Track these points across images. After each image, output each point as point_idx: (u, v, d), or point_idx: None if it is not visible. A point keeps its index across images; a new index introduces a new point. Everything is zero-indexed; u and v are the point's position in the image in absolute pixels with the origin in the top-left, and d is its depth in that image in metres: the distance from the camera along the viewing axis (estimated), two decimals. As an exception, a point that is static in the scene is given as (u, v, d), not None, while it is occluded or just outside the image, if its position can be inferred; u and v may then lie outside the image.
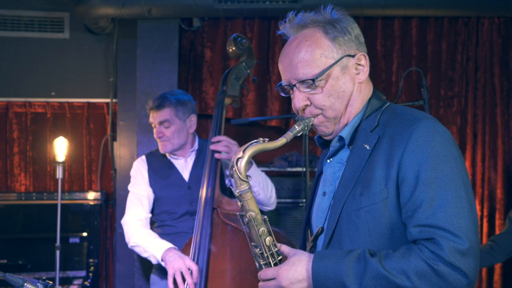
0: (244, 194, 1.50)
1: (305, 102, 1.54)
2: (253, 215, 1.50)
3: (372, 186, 1.45)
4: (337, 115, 1.56)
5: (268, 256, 1.52)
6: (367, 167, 1.48)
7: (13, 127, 4.32)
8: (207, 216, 2.71)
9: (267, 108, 4.15)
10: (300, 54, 1.52)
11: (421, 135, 1.42)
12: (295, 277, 1.46)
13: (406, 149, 1.42)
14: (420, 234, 1.38)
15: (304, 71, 1.52)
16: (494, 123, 4.12)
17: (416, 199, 1.39)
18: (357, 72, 1.56)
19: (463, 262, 1.35)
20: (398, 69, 4.13)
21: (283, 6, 3.80)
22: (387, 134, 1.48)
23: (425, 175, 1.39)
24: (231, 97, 3.00)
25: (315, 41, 1.52)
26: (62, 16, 4.34)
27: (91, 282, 3.88)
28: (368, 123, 1.54)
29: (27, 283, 1.42)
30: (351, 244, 1.47)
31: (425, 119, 1.45)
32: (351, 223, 1.47)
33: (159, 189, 2.97)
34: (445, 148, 1.42)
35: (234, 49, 3.01)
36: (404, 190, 1.41)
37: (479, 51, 4.13)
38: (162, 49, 4.12)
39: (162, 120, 2.93)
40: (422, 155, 1.40)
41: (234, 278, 2.62)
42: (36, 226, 3.97)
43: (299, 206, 3.72)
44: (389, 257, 1.39)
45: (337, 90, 1.53)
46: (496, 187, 4.09)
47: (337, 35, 1.53)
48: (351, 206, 1.48)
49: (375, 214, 1.44)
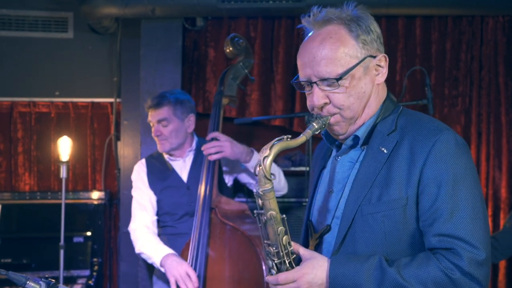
0: (268, 193, 1.50)
1: (324, 100, 1.53)
2: (273, 214, 1.51)
3: (392, 191, 1.46)
4: (354, 115, 1.55)
5: (284, 255, 1.53)
6: (384, 171, 1.48)
7: (17, 126, 4.33)
8: (205, 219, 2.71)
9: (270, 108, 4.15)
10: (324, 51, 1.49)
11: (444, 146, 1.44)
12: (315, 281, 1.47)
13: (429, 159, 1.44)
14: (439, 243, 1.41)
15: (327, 69, 1.49)
16: (499, 122, 4.10)
17: (437, 209, 1.42)
18: (376, 73, 1.55)
19: (480, 272, 1.39)
20: (402, 68, 4.12)
21: (287, 5, 3.80)
22: (407, 140, 1.49)
23: (446, 186, 1.42)
24: (228, 97, 3.00)
25: (340, 39, 1.50)
26: (66, 16, 4.35)
27: (95, 282, 3.89)
28: (385, 126, 1.54)
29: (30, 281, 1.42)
30: (366, 246, 1.48)
31: (446, 130, 1.47)
32: (367, 226, 1.48)
33: (158, 191, 2.98)
34: (466, 160, 1.46)
35: (231, 49, 3.01)
36: (424, 199, 1.44)
37: (484, 50, 4.11)
38: (165, 48, 4.12)
39: (160, 118, 2.93)
40: (445, 167, 1.43)
41: (233, 277, 2.62)
42: (40, 226, 3.97)
43: (303, 205, 3.71)
44: (407, 266, 1.41)
45: (358, 90, 1.52)
46: (500, 186, 4.07)
47: (361, 34, 1.51)
48: (368, 209, 1.49)
49: (393, 220, 1.46)
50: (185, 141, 3.00)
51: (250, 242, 2.56)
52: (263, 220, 1.52)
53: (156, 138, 2.98)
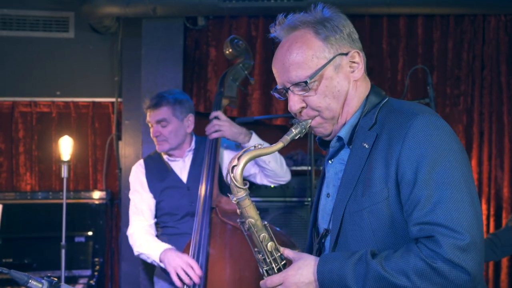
0: (242, 202, 1.49)
1: (300, 104, 1.52)
2: (252, 221, 1.50)
3: (373, 185, 1.43)
4: (334, 115, 1.54)
5: (271, 262, 1.52)
6: (367, 167, 1.46)
7: (18, 126, 4.33)
8: (205, 219, 2.70)
9: (272, 107, 4.14)
10: (291, 56, 1.50)
11: (418, 130, 1.39)
12: (302, 281, 1.45)
13: (404, 146, 1.39)
14: (420, 232, 1.37)
15: (297, 74, 1.49)
16: (501, 122, 4.09)
17: (414, 197, 1.37)
18: (351, 70, 1.53)
19: (463, 258, 1.32)
20: (403, 68, 4.11)
21: (288, 4, 3.79)
22: (385, 132, 1.46)
23: (423, 171, 1.37)
24: (228, 98, 2.99)
25: (306, 42, 1.50)
26: (67, 15, 4.35)
27: (96, 281, 3.88)
28: (366, 121, 1.52)
29: (32, 279, 1.42)
30: (357, 244, 1.46)
31: (421, 114, 1.42)
32: (355, 224, 1.46)
33: (158, 192, 2.95)
34: (443, 142, 1.39)
35: (231, 50, 3.00)
36: (403, 188, 1.39)
37: (486, 49, 4.10)
38: (166, 48, 4.11)
39: (159, 119, 2.91)
40: (420, 151, 1.38)
41: (234, 276, 2.62)
42: (41, 225, 3.97)
43: (305, 205, 3.70)
44: (389, 257, 1.38)
45: (331, 90, 1.51)
46: (502, 186, 4.06)
47: (328, 34, 1.50)
48: (354, 207, 1.47)
49: (378, 214, 1.43)
50: (184, 141, 2.98)
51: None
52: (246, 228, 1.52)
53: (154, 139, 2.97)
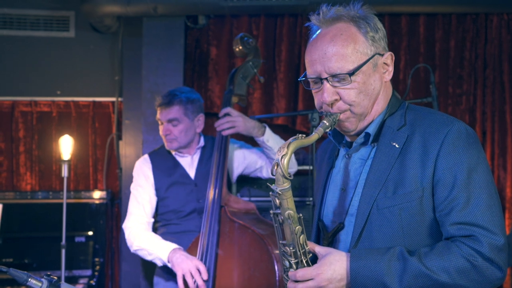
0: (286, 192, 1.50)
1: (335, 96, 1.54)
2: (291, 213, 1.51)
3: (407, 184, 1.49)
4: (364, 112, 1.57)
5: (301, 254, 1.53)
6: (398, 165, 1.51)
7: (19, 126, 4.31)
8: (214, 217, 2.69)
9: (273, 106, 4.13)
10: (335, 47, 1.52)
11: (456, 137, 1.48)
12: (334, 277, 1.48)
13: (442, 150, 1.47)
14: (458, 231, 1.44)
15: (339, 65, 1.51)
16: (503, 121, 4.08)
17: (453, 199, 1.45)
18: (384, 71, 1.58)
19: (500, 257, 1.44)
20: (405, 67, 4.09)
21: (290, 3, 3.77)
22: (418, 134, 1.52)
23: (461, 175, 1.46)
24: (238, 96, 2.99)
25: (351, 36, 1.53)
26: (68, 14, 4.34)
27: (96, 281, 3.87)
28: (394, 122, 1.57)
29: (31, 278, 1.40)
30: (383, 240, 1.50)
31: (457, 122, 1.52)
32: (384, 220, 1.50)
33: (165, 188, 2.93)
34: (478, 150, 1.50)
35: (241, 48, 2.99)
36: (440, 189, 1.47)
37: (488, 48, 4.08)
38: (167, 47, 4.10)
39: (171, 118, 2.89)
40: (459, 157, 1.47)
41: (243, 275, 2.60)
42: (41, 225, 3.95)
43: (306, 204, 3.68)
44: (428, 255, 1.44)
45: (368, 87, 1.54)
46: (505, 186, 4.04)
47: (370, 31, 1.54)
48: (384, 203, 1.50)
49: (410, 212, 1.48)
50: (193, 140, 2.98)
51: (262, 240, 2.55)
52: (280, 220, 1.53)
53: (164, 137, 2.94)
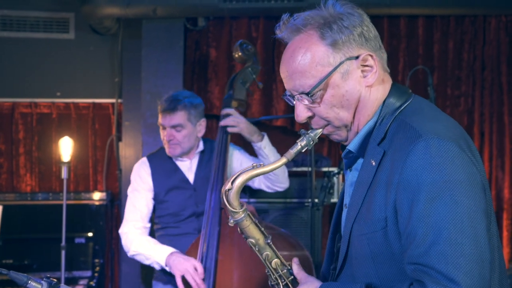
0: (241, 223, 1.45)
1: (307, 113, 1.39)
2: (253, 241, 1.47)
3: (373, 211, 1.31)
4: (346, 123, 1.39)
5: (277, 278, 1.50)
6: (372, 187, 1.32)
7: (18, 127, 4.32)
8: (214, 220, 2.69)
9: (272, 108, 4.14)
10: (294, 64, 1.36)
11: (418, 157, 1.22)
12: None
13: (402, 173, 1.24)
14: (413, 272, 1.23)
15: (300, 83, 1.36)
16: (501, 122, 4.09)
17: (410, 233, 1.23)
18: (364, 75, 1.36)
19: None
20: (404, 68, 4.11)
21: (289, 5, 3.78)
22: (391, 150, 1.30)
23: (419, 205, 1.21)
24: (237, 101, 3.00)
25: (309, 48, 1.35)
26: (68, 16, 4.35)
27: (96, 282, 3.87)
28: (378, 133, 1.36)
29: (31, 280, 1.41)
30: (360, 269, 1.37)
31: (425, 135, 1.24)
32: (358, 247, 1.37)
33: (164, 192, 2.92)
34: (445, 172, 1.21)
35: (240, 54, 3.01)
36: (400, 221, 1.26)
37: (486, 49, 4.10)
38: (167, 49, 4.11)
39: (175, 124, 2.85)
40: (417, 181, 1.22)
41: (243, 277, 2.61)
42: (41, 227, 3.96)
43: (305, 206, 3.70)
44: None
45: (339, 99, 1.36)
46: (503, 186, 4.06)
47: (334, 37, 1.34)
48: (357, 229, 1.36)
49: (377, 242, 1.31)
50: (195, 145, 2.98)
51: None
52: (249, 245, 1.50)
53: (166, 142, 2.92)
